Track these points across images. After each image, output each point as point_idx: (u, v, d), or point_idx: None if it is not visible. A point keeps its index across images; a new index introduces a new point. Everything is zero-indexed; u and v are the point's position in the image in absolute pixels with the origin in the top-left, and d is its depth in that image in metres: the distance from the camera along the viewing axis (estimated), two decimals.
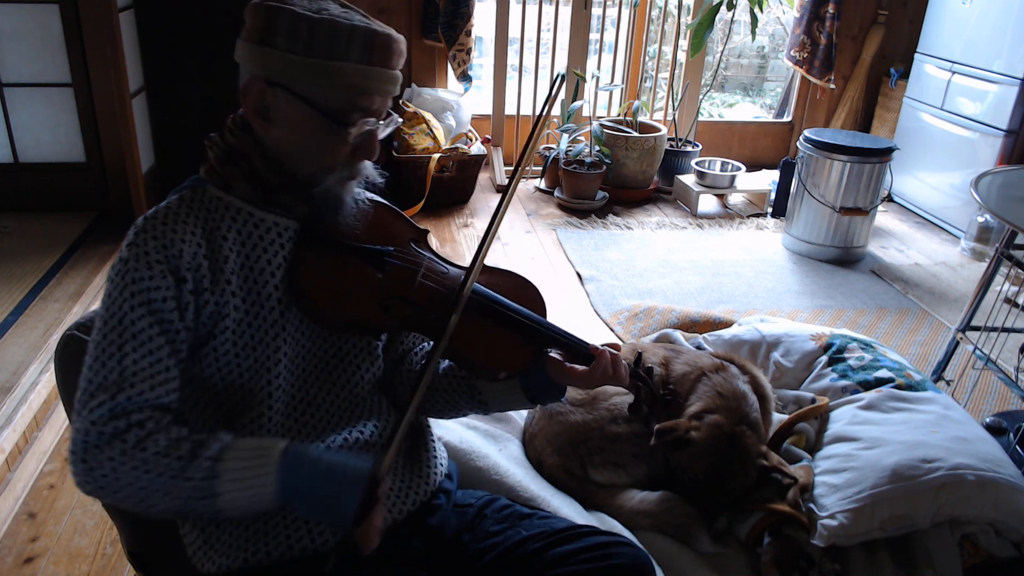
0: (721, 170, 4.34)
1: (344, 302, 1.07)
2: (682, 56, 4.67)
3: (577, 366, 1.15)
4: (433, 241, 3.57)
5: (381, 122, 1.06)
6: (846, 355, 1.92)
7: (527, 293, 1.21)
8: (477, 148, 4.15)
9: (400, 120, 1.11)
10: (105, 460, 0.93)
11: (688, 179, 4.31)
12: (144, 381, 0.97)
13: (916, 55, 4.30)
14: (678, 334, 2.19)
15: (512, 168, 1.09)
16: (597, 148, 4.13)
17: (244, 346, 1.05)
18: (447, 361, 1.23)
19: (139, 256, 0.98)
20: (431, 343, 1.21)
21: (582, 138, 4.27)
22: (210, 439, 0.97)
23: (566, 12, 4.41)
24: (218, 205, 1.05)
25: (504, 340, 1.13)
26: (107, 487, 0.95)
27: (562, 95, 4.42)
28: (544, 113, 1.11)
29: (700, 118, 4.73)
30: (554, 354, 1.15)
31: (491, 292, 1.15)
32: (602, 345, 1.18)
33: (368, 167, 1.11)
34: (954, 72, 4.00)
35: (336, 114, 1.01)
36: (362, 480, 0.95)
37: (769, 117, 5.50)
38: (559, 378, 1.15)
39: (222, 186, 1.06)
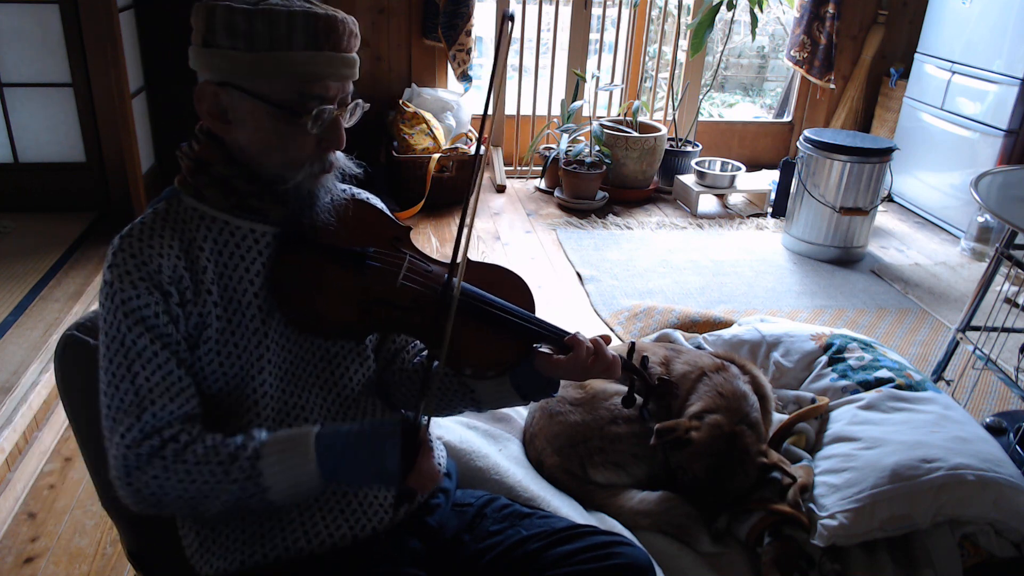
0: (721, 170, 4.34)
1: (323, 306, 1.04)
2: (682, 56, 4.67)
3: (563, 357, 1.12)
4: (431, 240, 3.61)
5: (344, 108, 1.02)
6: (846, 355, 1.92)
7: (512, 287, 1.17)
8: None
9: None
10: (150, 479, 0.96)
11: (688, 179, 4.31)
12: (161, 396, 0.99)
13: (916, 55, 4.30)
14: (678, 334, 2.19)
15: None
16: (597, 148, 4.13)
17: (228, 355, 1.04)
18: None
19: (121, 277, 0.98)
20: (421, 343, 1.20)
21: (582, 138, 4.27)
22: (246, 439, 0.99)
23: (566, 12, 4.41)
24: (193, 215, 1.04)
25: (488, 338, 1.10)
26: (157, 503, 0.98)
27: (562, 95, 4.43)
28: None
29: (700, 118, 4.73)
30: (544, 348, 1.12)
31: (474, 289, 1.11)
32: (592, 337, 1.14)
33: (341, 159, 1.08)
34: (954, 72, 4.00)
35: (289, 105, 0.98)
36: (395, 432, 0.97)
37: (769, 117, 5.50)
38: (548, 372, 1.12)
39: (195, 196, 1.05)
